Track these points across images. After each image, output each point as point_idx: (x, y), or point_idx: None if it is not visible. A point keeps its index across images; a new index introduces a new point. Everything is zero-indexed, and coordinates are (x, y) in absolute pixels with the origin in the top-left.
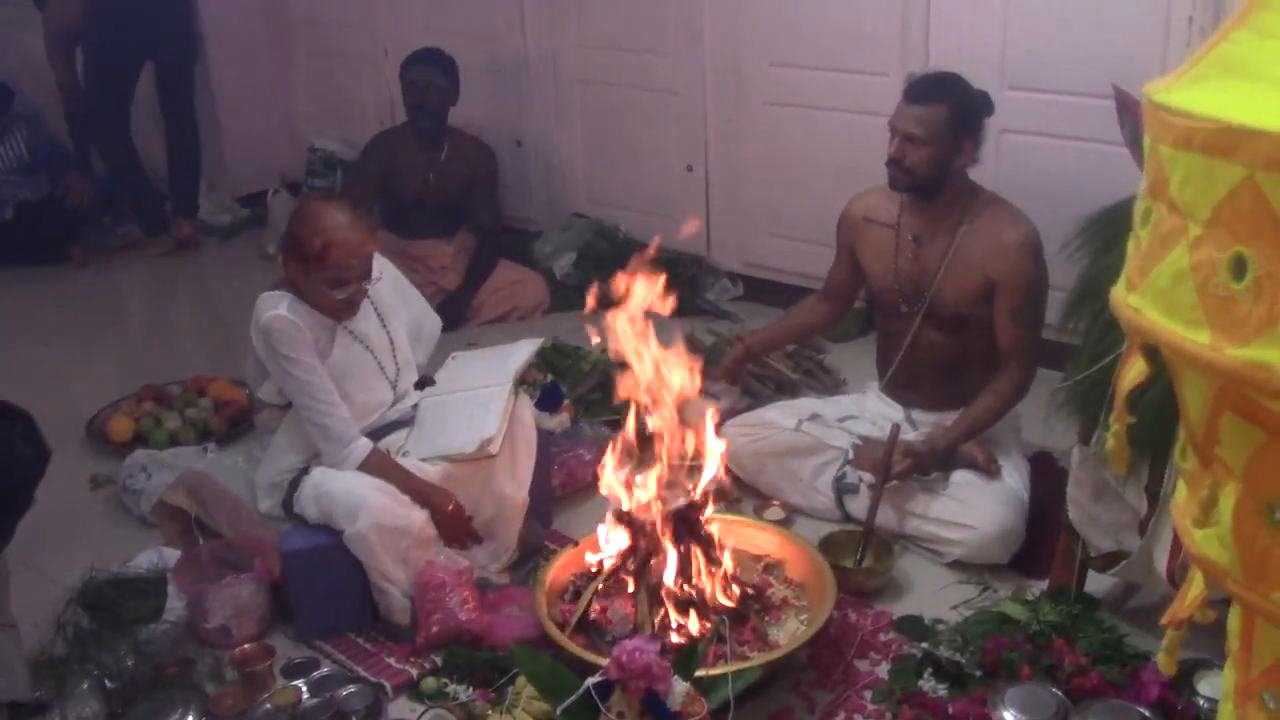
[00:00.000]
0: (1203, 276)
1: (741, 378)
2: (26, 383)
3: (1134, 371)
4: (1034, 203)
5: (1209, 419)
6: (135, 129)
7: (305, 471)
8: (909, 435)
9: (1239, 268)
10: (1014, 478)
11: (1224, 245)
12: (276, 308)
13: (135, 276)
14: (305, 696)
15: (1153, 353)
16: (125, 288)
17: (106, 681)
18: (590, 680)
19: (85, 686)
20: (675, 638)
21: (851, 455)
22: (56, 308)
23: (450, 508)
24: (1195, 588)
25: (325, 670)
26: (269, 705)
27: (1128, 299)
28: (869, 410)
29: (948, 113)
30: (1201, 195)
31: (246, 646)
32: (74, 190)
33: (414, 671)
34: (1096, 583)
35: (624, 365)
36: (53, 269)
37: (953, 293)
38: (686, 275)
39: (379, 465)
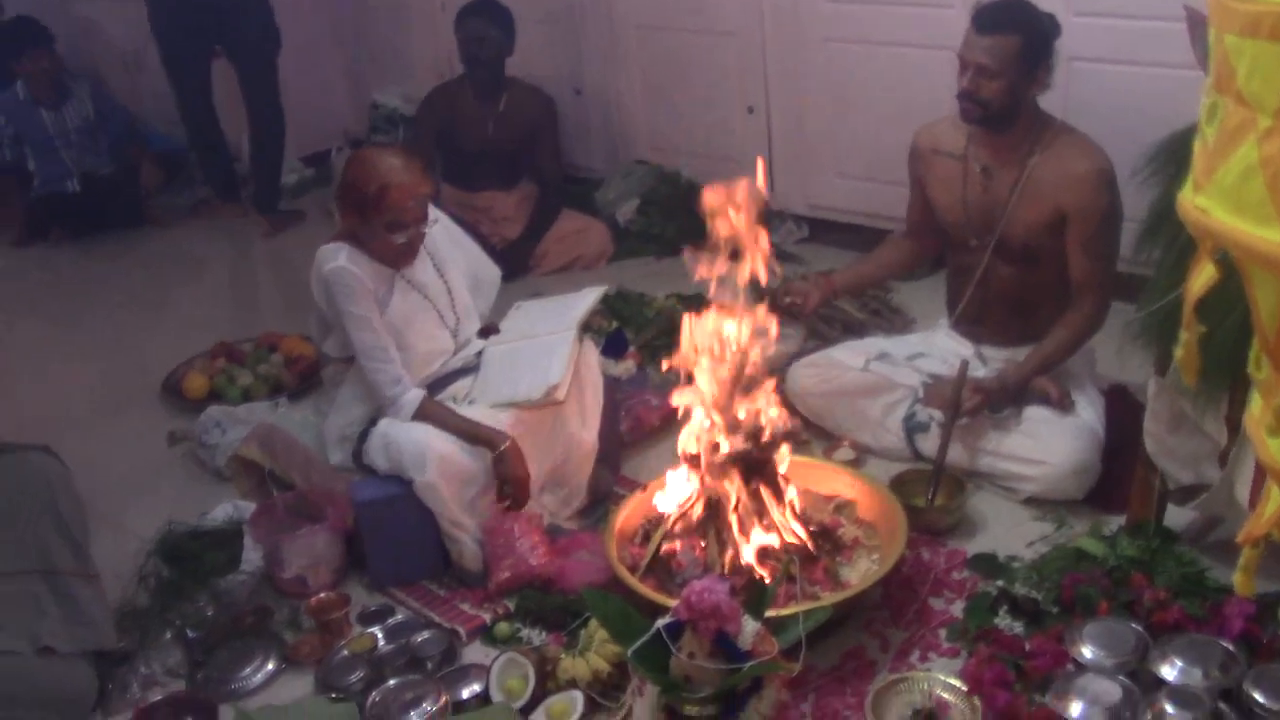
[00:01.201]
0: (1273, 170)
1: (809, 320)
2: (104, 344)
3: (1203, 278)
4: (1104, 131)
5: None
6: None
7: (373, 423)
8: (979, 372)
9: None
10: (1088, 411)
11: None
12: (336, 259)
13: (205, 238)
14: (381, 643)
15: (1226, 264)
16: (196, 249)
17: (188, 631)
18: (660, 621)
19: (168, 636)
20: (746, 578)
21: (921, 393)
22: (129, 270)
23: (506, 445)
24: (1273, 503)
25: (400, 617)
26: (346, 652)
27: (1194, 200)
28: (938, 347)
29: (1020, 41)
30: (1270, 84)
31: (322, 595)
32: (147, 177)
33: (487, 617)
34: (1176, 516)
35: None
36: (125, 233)
37: (1023, 225)
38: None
39: (432, 413)
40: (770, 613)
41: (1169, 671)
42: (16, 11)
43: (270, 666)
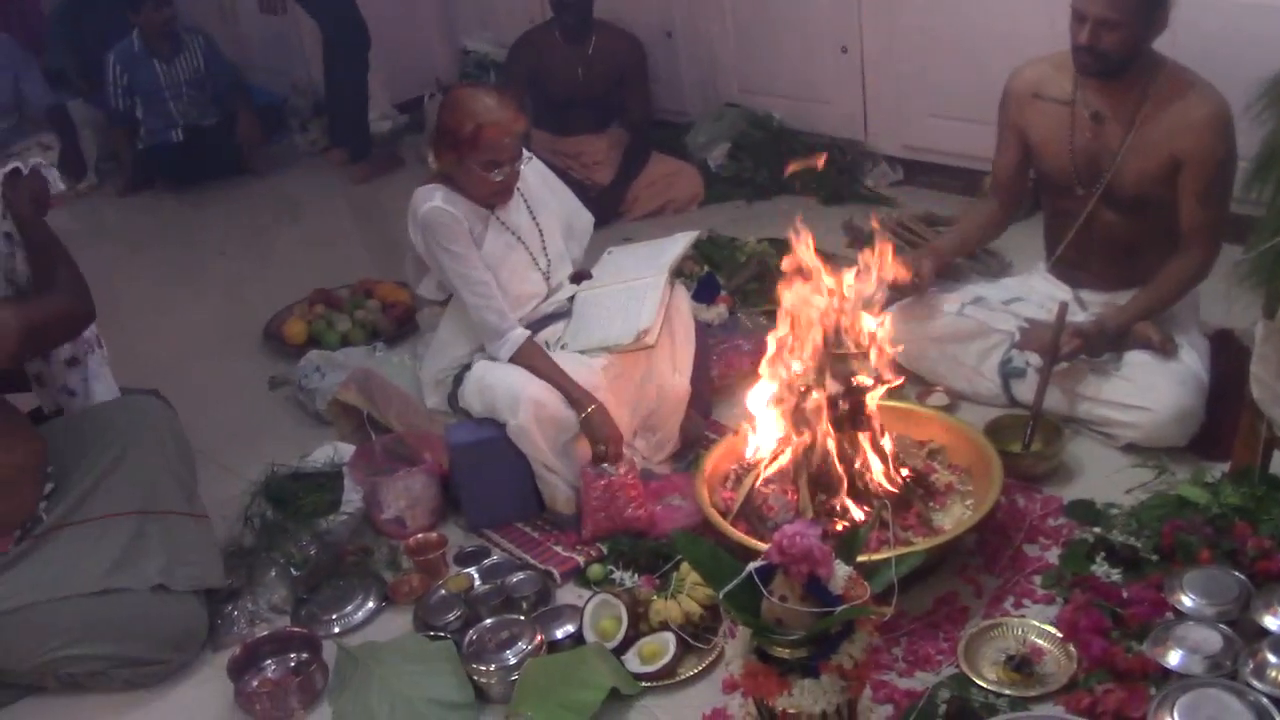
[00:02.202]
0: None
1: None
2: (207, 291)
3: None
4: (1213, 67)
5: None
6: None
7: (468, 367)
8: (1078, 316)
9: None
10: (1191, 356)
11: None
12: (432, 200)
13: (302, 185)
14: (477, 583)
15: None
16: (293, 197)
17: (292, 569)
18: (752, 564)
19: (273, 574)
20: (838, 523)
21: (1018, 338)
22: (230, 220)
23: (593, 408)
24: None
25: (495, 558)
26: (443, 591)
27: None
28: (1035, 292)
29: None
30: None
31: (420, 536)
32: (246, 133)
33: (580, 559)
34: None
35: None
36: (225, 183)
37: (1135, 173)
38: (844, 161)
39: (532, 357)
40: (862, 557)
41: (1272, 621)
42: None
43: (370, 604)
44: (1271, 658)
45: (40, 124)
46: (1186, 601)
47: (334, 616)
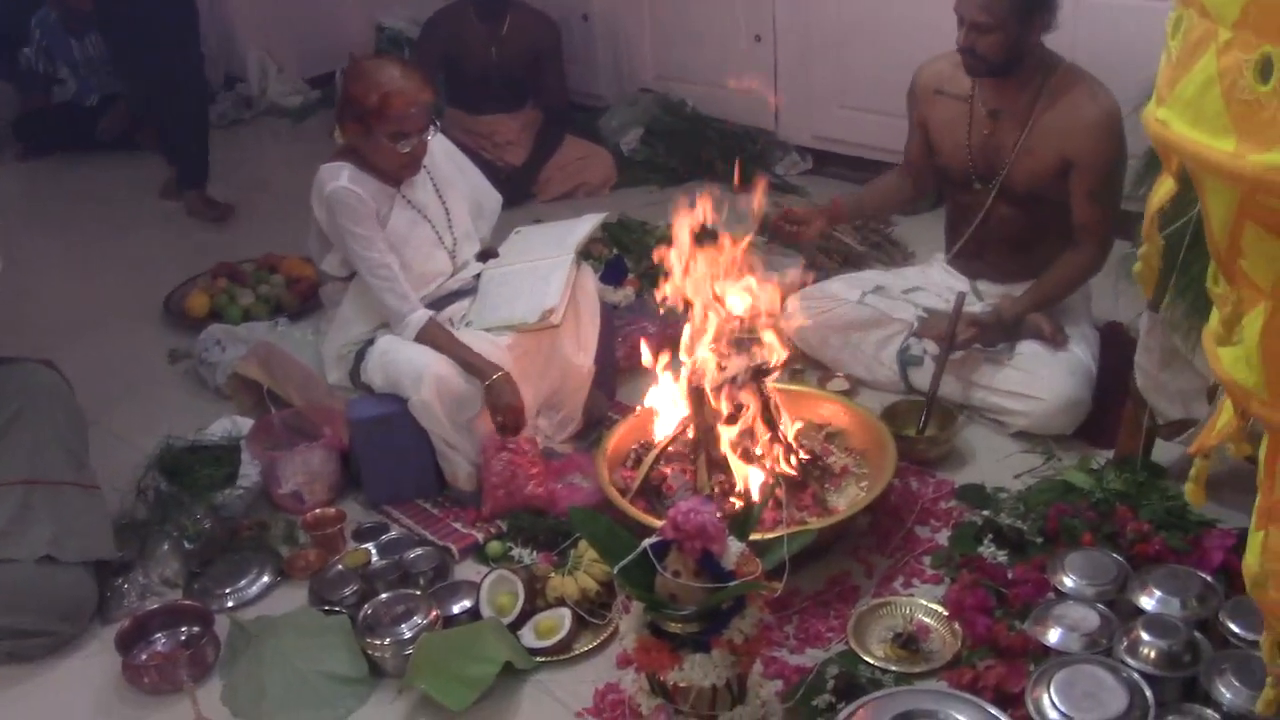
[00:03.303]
0: (1229, 81)
1: (809, 251)
2: (108, 262)
3: (1163, 190)
4: (1113, 69)
5: (1231, 231)
6: None
7: (371, 342)
8: (974, 307)
9: (1265, 69)
10: (1081, 347)
11: (1251, 46)
12: (338, 179)
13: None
14: (375, 558)
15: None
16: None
17: (185, 543)
18: (647, 541)
19: (166, 547)
20: (733, 503)
21: (916, 326)
22: (133, 189)
23: (498, 375)
24: (1225, 415)
25: (394, 534)
26: (340, 566)
27: (1156, 113)
28: (934, 282)
29: None
30: None
31: (318, 511)
32: (108, 127)
33: (480, 536)
34: (1164, 452)
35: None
36: (128, 152)
37: (1028, 171)
38: (754, 149)
39: (435, 336)
40: (756, 535)
41: (1148, 601)
42: None
43: (266, 579)
44: (1145, 636)
45: None
46: (1068, 582)
47: (228, 591)
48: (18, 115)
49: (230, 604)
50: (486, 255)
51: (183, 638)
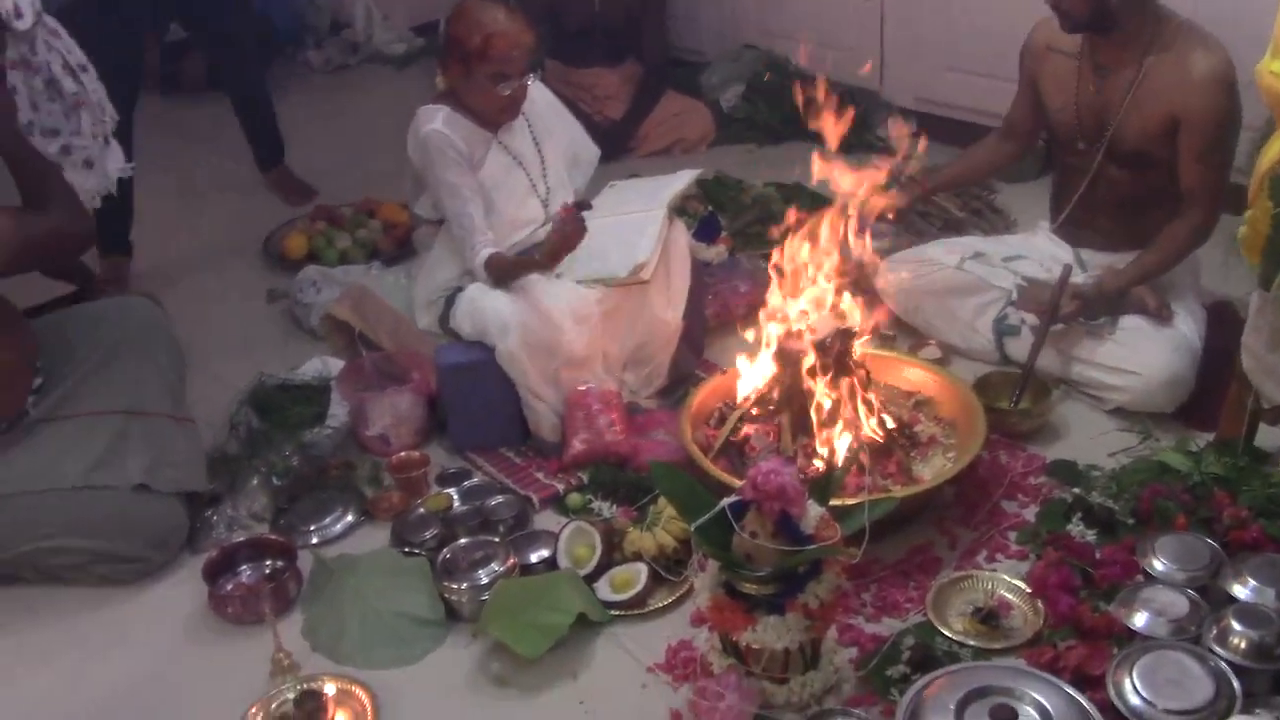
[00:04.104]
0: None
1: (908, 215)
2: (209, 202)
3: (1274, 150)
4: (1234, 32)
5: None
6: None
7: (460, 289)
8: (1077, 277)
9: None
10: (1187, 324)
11: None
12: (433, 121)
13: (311, 101)
14: (456, 503)
15: None
16: (302, 112)
17: (274, 479)
18: (726, 500)
19: (255, 482)
20: (817, 465)
21: (1015, 296)
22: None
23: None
24: None
25: (476, 480)
26: (422, 510)
27: (1270, 65)
28: (1037, 250)
29: None
30: None
31: (403, 454)
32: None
33: (560, 486)
34: (1268, 437)
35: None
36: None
37: (1136, 129)
38: (858, 110)
39: (500, 265)
40: (837, 501)
41: (1241, 590)
42: None
43: (349, 518)
44: (1235, 625)
45: None
46: (1157, 565)
47: (312, 527)
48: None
49: (314, 540)
50: (580, 206)
51: (267, 571)
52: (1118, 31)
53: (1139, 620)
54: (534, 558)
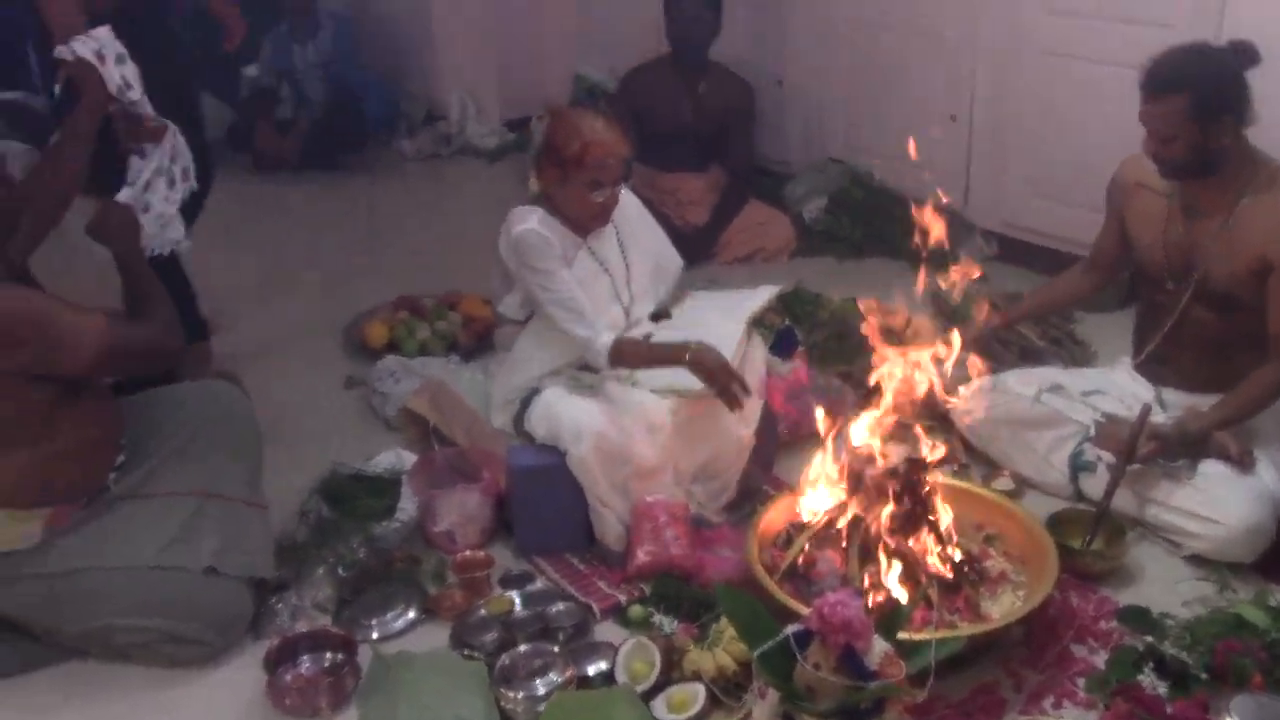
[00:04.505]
0: None
1: (985, 343)
2: (300, 282)
3: None
4: None
5: None
6: None
7: (538, 391)
8: (1158, 417)
9: None
10: (1270, 473)
11: None
12: (527, 221)
13: (402, 189)
14: (518, 607)
15: None
16: (392, 200)
17: (340, 570)
18: (790, 628)
19: (321, 572)
20: (883, 597)
21: (1093, 432)
22: (331, 210)
23: (692, 349)
24: None
25: (539, 585)
26: (484, 612)
27: None
28: (1116, 386)
29: (1187, 101)
30: None
31: (468, 553)
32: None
33: (623, 597)
34: None
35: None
36: (328, 171)
37: (1225, 272)
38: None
39: (626, 350)
40: (903, 635)
41: None
42: None
43: (411, 614)
44: None
45: None
46: None
47: (374, 621)
48: (226, 127)
49: (375, 635)
50: (659, 316)
51: (326, 663)
52: (1213, 175)
53: None
54: (592, 670)
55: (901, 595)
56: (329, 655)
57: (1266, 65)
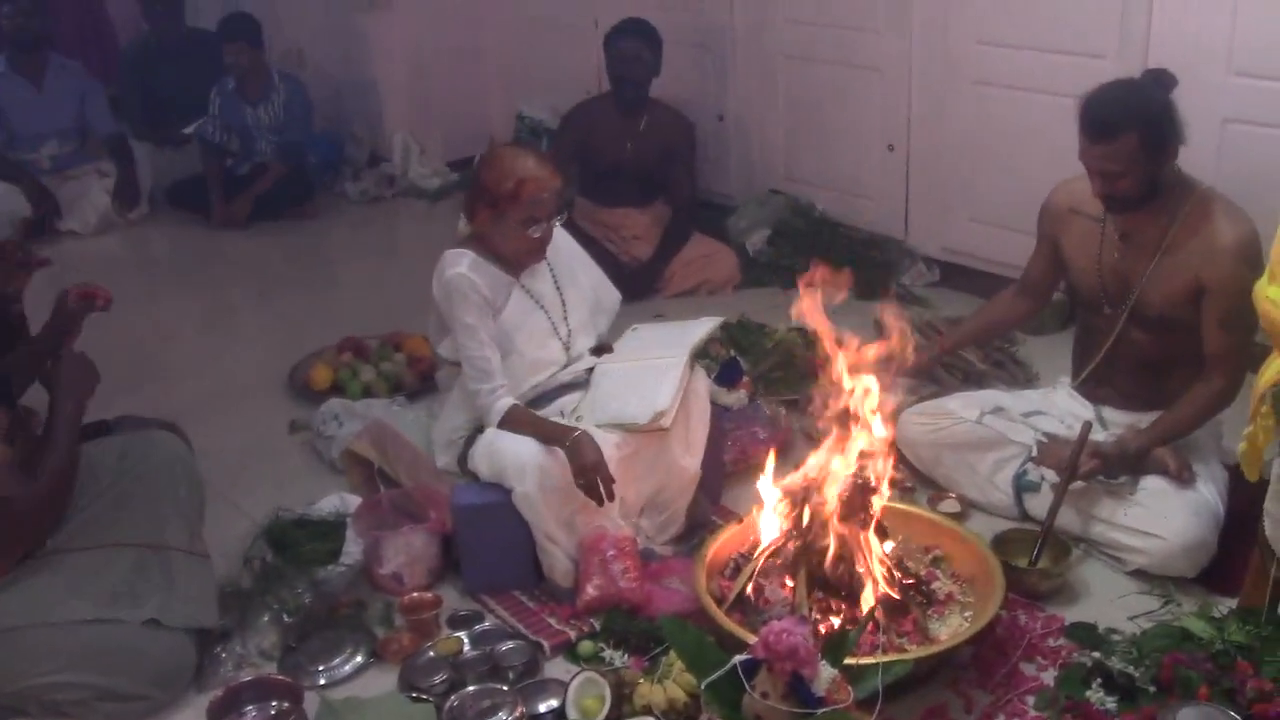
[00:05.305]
0: None
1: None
2: (242, 329)
3: (1272, 370)
4: (1260, 196)
5: None
6: None
7: (480, 430)
8: (1099, 436)
9: None
10: (1209, 487)
11: None
12: (458, 265)
13: (345, 231)
14: (467, 648)
15: None
16: (336, 242)
17: (285, 616)
18: (738, 658)
19: (265, 619)
20: (831, 622)
21: (1035, 452)
22: (274, 257)
23: (576, 434)
24: None
25: (488, 624)
26: (432, 653)
27: (1267, 291)
28: (1057, 407)
29: (1137, 138)
30: None
31: (415, 594)
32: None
33: (572, 633)
34: None
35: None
36: (278, 222)
37: (1161, 296)
38: (882, 257)
39: (516, 418)
40: (851, 660)
41: None
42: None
43: (359, 659)
44: None
45: (100, 151)
46: None
47: (321, 668)
48: (172, 182)
49: (322, 681)
50: (601, 350)
51: (272, 712)
52: (1153, 203)
53: None
54: (543, 708)
55: (849, 619)
56: (275, 704)
57: (1183, 87)
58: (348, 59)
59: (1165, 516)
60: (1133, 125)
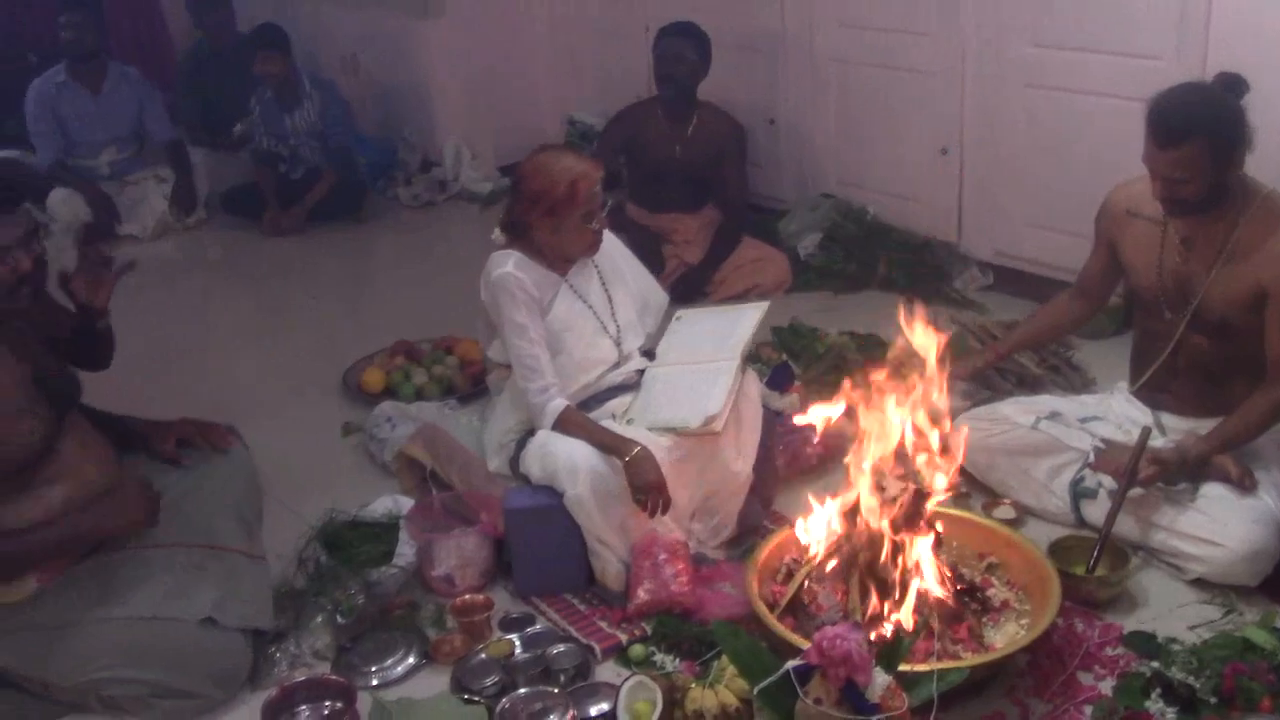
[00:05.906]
0: None
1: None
2: (297, 332)
3: None
4: None
5: None
6: None
7: (532, 432)
8: (1157, 442)
9: None
10: (1271, 495)
11: None
12: (504, 265)
13: (398, 236)
14: (518, 650)
15: None
16: (388, 247)
17: (339, 617)
18: (790, 663)
19: (319, 620)
20: (884, 629)
21: (1092, 458)
22: (329, 262)
23: (636, 450)
24: None
25: (539, 627)
26: (484, 655)
27: None
28: (1114, 412)
29: (1206, 143)
30: None
31: (467, 597)
32: (277, 221)
33: (624, 637)
34: None
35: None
36: (331, 225)
37: (1222, 301)
38: (935, 261)
39: (571, 421)
40: (905, 667)
41: None
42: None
43: (411, 660)
44: None
45: (158, 157)
46: None
47: (373, 668)
48: (228, 187)
49: (375, 682)
50: (650, 353)
51: (325, 712)
52: (1215, 208)
53: None
54: (593, 711)
55: (903, 626)
56: (328, 704)
57: (1253, 93)
58: (400, 65)
59: (1226, 524)
60: (1201, 131)
